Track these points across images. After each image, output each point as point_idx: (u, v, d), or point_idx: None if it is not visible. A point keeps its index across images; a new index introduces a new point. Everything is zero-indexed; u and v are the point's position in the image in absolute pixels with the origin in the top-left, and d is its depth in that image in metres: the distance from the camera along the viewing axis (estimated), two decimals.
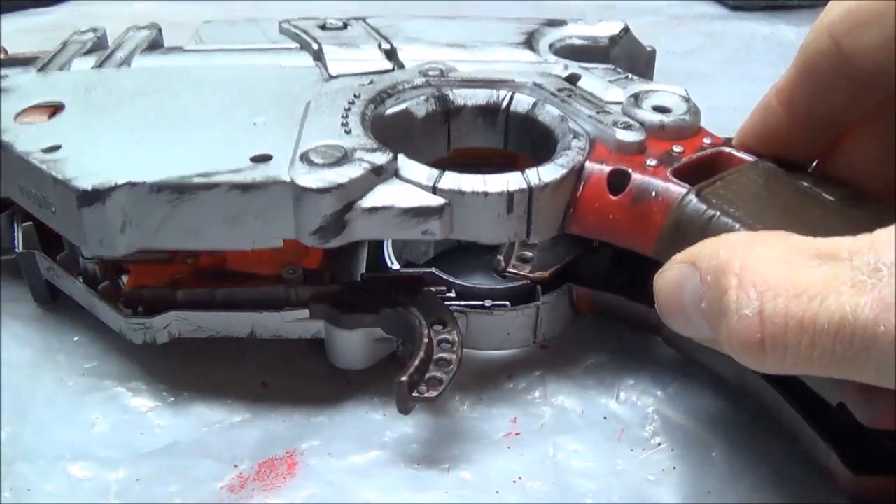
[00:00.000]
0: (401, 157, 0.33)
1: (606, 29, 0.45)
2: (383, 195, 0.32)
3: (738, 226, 0.29)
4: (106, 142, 0.34)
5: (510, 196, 0.32)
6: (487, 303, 0.36)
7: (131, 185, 0.31)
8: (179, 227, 0.32)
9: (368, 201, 0.32)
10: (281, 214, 0.32)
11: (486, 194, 0.32)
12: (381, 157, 0.32)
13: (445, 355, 0.33)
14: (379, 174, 0.32)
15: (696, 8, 0.73)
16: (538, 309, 0.36)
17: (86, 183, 0.31)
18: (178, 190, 0.32)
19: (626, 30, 0.45)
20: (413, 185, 0.32)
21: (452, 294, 0.37)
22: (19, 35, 0.68)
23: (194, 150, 0.34)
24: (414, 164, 0.33)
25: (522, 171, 0.33)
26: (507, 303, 0.36)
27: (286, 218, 0.32)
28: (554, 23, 0.45)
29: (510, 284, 0.37)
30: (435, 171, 0.33)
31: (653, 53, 0.47)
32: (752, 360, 0.23)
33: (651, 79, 0.47)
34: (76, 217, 0.32)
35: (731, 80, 0.61)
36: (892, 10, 0.27)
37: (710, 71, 0.63)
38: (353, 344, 0.36)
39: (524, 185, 0.32)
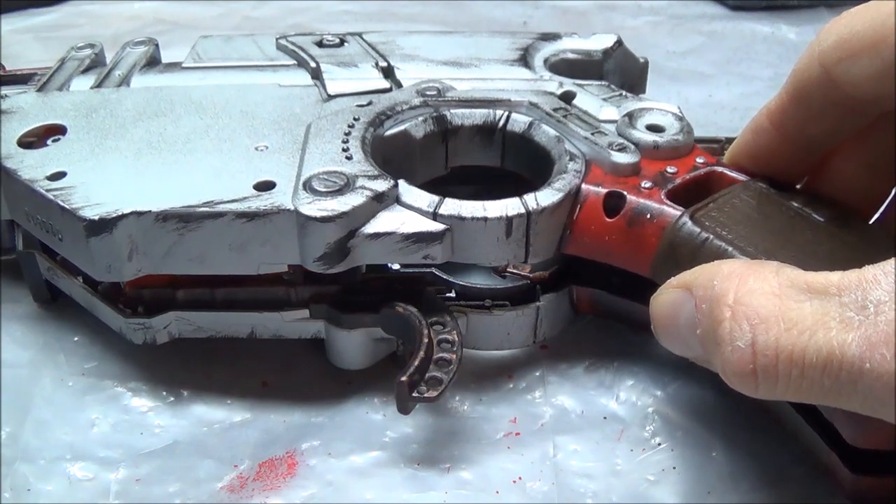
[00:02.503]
0: (402, 183, 0.34)
1: (600, 42, 0.45)
2: (385, 222, 0.33)
3: (730, 249, 0.30)
4: (110, 168, 0.35)
5: (509, 221, 0.33)
6: (487, 303, 0.36)
7: (137, 215, 0.32)
8: (186, 254, 0.33)
9: (371, 228, 0.32)
10: (285, 241, 0.32)
11: (485, 220, 0.33)
12: (382, 185, 0.33)
13: (445, 355, 0.33)
14: (380, 201, 0.33)
15: (696, 8, 0.73)
16: (538, 309, 0.36)
17: (93, 213, 0.32)
18: (184, 219, 0.32)
19: (619, 42, 0.45)
20: (414, 212, 0.33)
21: (452, 294, 0.37)
22: (19, 35, 0.69)
23: (198, 178, 0.34)
24: (415, 190, 0.34)
25: (520, 196, 0.33)
26: (507, 303, 0.36)
27: (290, 244, 0.33)
28: (548, 37, 0.46)
29: (510, 284, 0.37)
30: (435, 198, 0.33)
31: (645, 65, 0.47)
32: (744, 387, 0.25)
33: (644, 89, 0.47)
34: (84, 245, 0.32)
35: (731, 80, 0.61)
36: (884, 41, 0.28)
37: (710, 71, 0.63)
38: (353, 344, 0.36)
39: (522, 210, 0.33)
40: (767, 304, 0.24)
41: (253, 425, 0.35)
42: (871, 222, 0.33)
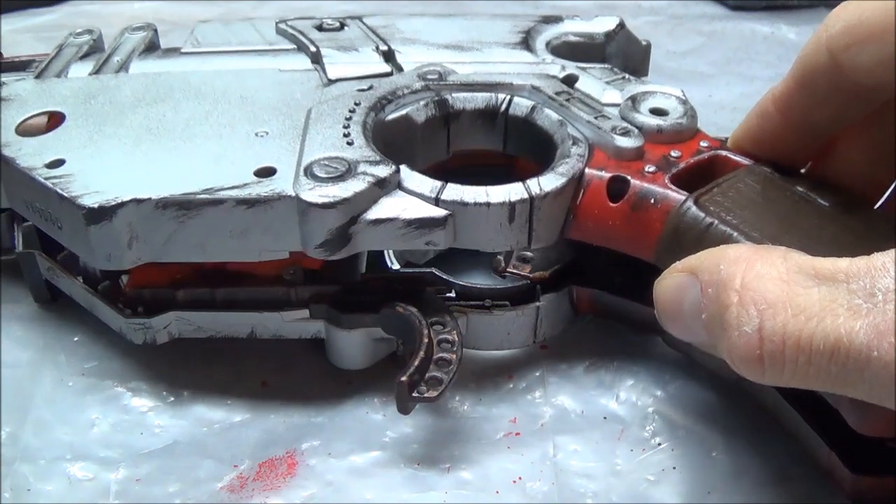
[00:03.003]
0: (403, 168, 0.34)
1: (602, 25, 0.45)
2: (387, 208, 0.32)
3: (735, 234, 0.30)
4: (109, 156, 0.35)
5: (512, 206, 0.33)
6: (487, 303, 0.36)
7: (137, 202, 0.32)
8: (186, 241, 0.33)
9: (373, 214, 0.32)
10: (287, 228, 0.32)
11: (488, 205, 0.33)
12: (384, 170, 0.33)
13: (445, 355, 0.33)
14: (382, 187, 0.33)
15: (696, 8, 0.73)
16: (538, 309, 0.36)
17: (92, 201, 0.32)
18: (184, 206, 0.32)
19: (621, 25, 0.45)
20: (416, 197, 0.33)
21: (452, 294, 0.37)
22: (19, 35, 0.68)
23: (198, 164, 0.34)
24: (417, 175, 0.34)
25: (523, 181, 0.33)
26: (507, 303, 0.36)
27: (292, 231, 0.32)
28: (550, 20, 0.46)
29: (510, 284, 0.37)
30: (437, 183, 0.33)
31: (648, 47, 0.47)
32: (751, 373, 0.24)
33: (646, 73, 0.47)
34: (83, 233, 0.32)
35: (731, 80, 0.61)
36: (891, 29, 0.27)
37: (710, 71, 0.63)
38: (353, 344, 0.36)
39: (525, 196, 0.33)
40: (775, 290, 0.24)
41: (253, 425, 0.35)
42: (875, 207, 0.33)
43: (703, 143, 0.35)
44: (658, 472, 0.32)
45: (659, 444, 0.34)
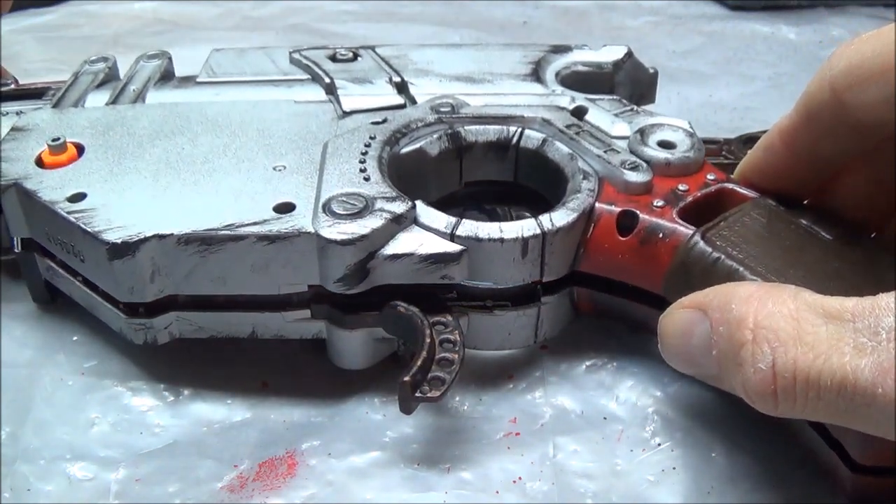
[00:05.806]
0: (419, 204, 0.34)
1: (610, 54, 0.46)
2: (404, 243, 0.33)
3: (741, 269, 0.30)
4: (131, 190, 0.35)
5: (525, 242, 0.33)
6: (488, 303, 0.36)
7: (160, 238, 0.32)
8: (208, 275, 0.33)
9: (390, 249, 0.33)
10: (306, 263, 0.33)
11: (501, 241, 0.33)
12: (400, 207, 0.33)
13: (447, 355, 0.33)
14: (399, 223, 0.33)
15: (696, 8, 0.73)
16: (539, 309, 0.36)
17: (115, 236, 0.32)
18: (206, 242, 0.32)
19: (629, 54, 0.46)
20: (432, 233, 0.34)
21: (453, 294, 0.37)
22: (19, 35, 0.69)
23: (219, 199, 0.34)
24: (432, 211, 0.34)
25: (536, 216, 0.34)
26: (508, 303, 0.36)
27: (311, 266, 0.33)
28: (559, 49, 0.46)
29: (511, 285, 0.37)
30: (452, 219, 0.34)
31: (655, 75, 0.47)
32: (765, 406, 0.25)
33: (653, 99, 0.48)
34: (107, 268, 0.33)
35: (731, 80, 0.61)
36: (893, 69, 0.28)
37: (710, 71, 0.63)
38: (354, 344, 0.36)
39: (538, 231, 0.34)
40: (786, 327, 0.24)
41: (253, 425, 0.35)
42: (874, 236, 0.34)
43: (710, 176, 0.36)
44: (658, 472, 0.32)
45: (659, 445, 0.34)
